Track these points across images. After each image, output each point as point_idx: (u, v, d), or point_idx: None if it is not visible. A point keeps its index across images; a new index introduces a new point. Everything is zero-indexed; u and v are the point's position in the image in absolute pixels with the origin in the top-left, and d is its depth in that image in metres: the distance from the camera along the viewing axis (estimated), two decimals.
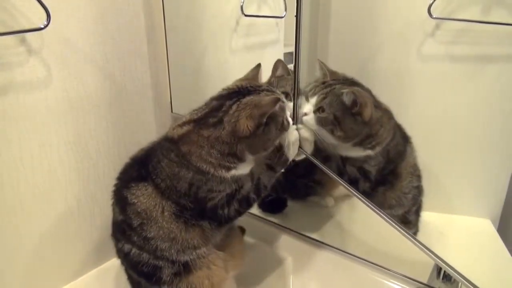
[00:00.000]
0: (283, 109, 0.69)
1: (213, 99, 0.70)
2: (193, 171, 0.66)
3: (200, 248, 0.71)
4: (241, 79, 0.73)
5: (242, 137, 0.64)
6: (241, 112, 0.64)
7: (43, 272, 0.85)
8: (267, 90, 0.69)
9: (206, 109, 0.68)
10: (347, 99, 0.75)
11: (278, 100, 0.64)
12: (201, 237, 0.70)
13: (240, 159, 0.67)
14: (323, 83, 0.80)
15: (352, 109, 0.74)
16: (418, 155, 0.81)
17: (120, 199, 0.72)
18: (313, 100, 0.79)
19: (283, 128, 0.70)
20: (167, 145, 0.68)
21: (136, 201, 0.68)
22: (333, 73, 0.82)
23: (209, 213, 0.70)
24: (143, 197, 0.68)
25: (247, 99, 0.66)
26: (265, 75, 1.05)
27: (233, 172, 0.68)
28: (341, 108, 0.76)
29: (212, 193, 0.68)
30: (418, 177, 0.83)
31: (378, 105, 0.78)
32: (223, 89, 0.70)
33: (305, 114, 0.80)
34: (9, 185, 0.75)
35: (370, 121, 0.75)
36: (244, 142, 0.65)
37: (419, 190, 0.83)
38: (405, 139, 0.81)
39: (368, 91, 0.79)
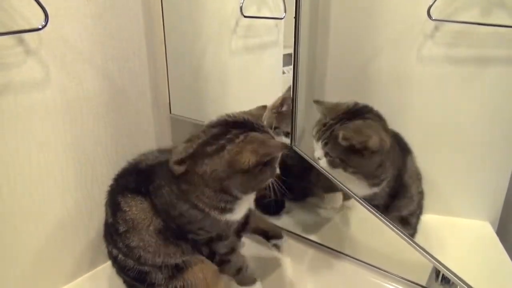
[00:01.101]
0: (280, 156, 0.68)
1: (212, 126, 0.68)
2: (190, 206, 0.67)
3: (184, 256, 0.72)
4: (245, 112, 0.71)
5: (239, 170, 0.63)
6: (247, 145, 0.63)
7: (40, 273, 0.84)
8: (270, 135, 0.68)
9: (204, 136, 0.66)
10: (344, 144, 0.74)
11: (286, 147, 0.64)
12: (181, 252, 0.72)
13: (234, 197, 0.66)
14: (324, 125, 0.80)
15: (354, 149, 0.74)
16: (417, 157, 0.81)
17: (113, 203, 0.73)
18: (319, 146, 0.80)
19: (273, 175, 0.68)
20: (170, 176, 0.67)
21: (128, 209, 0.69)
22: (331, 110, 0.81)
23: (190, 242, 0.72)
24: (136, 208, 0.69)
25: (256, 134, 0.65)
26: (265, 75, 1.05)
27: (228, 216, 0.68)
28: (343, 151, 0.76)
29: (200, 231, 0.70)
30: (420, 181, 0.83)
31: (387, 129, 0.78)
32: (228, 116, 0.69)
33: (319, 158, 0.80)
34: (6, 185, 0.75)
35: (380, 151, 0.75)
36: (239, 177, 0.64)
37: (422, 194, 0.83)
38: (405, 151, 0.81)
39: (376, 115, 0.79)
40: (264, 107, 0.75)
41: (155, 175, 0.70)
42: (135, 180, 0.72)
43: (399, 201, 0.81)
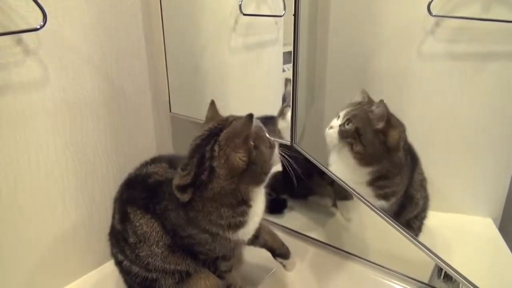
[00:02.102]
0: (261, 128, 0.67)
1: (191, 155, 0.65)
2: (200, 231, 0.66)
3: (191, 265, 0.72)
4: (205, 123, 0.69)
5: (241, 172, 0.61)
6: (226, 148, 0.61)
7: (41, 274, 0.84)
8: (234, 119, 0.66)
9: (193, 169, 0.64)
10: (377, 109, 0.73)
11: (251, 116, 0.60)
12: (189, 262, 0.71)
13: (248, 205, 0.66)
14: (359, 103, 0.80)
15: (378, 125, 0.73)
16: (418, 154, 0.81)
17: (122, 211, 0.72)
18: (342, 113, 0.79)
19: (272, 145, 0.67)
20: (176, 200, 0.66)
21: (137, 224, 0.69)
22: (371, 100, 0.81)
23: (199, 261, 0.72)
24: (146, 226, 0.69)
25: (223, 134, 0.63)
26: (265, 73, 1.04)
27: (241, 232, 0.67)
28: (365, 121, 0.75)
29: (210, 251, 0.70)
30: (424, 187, 0.82)
31: (407, 146, 0.77)
32: (194, 140, 0.67)
33: (331, 127, 0.79)
34: (6, 186, 0.75)
35: (393, 150, 0.74)
36: (246, 177, 0.63)
37: (426, 199, 0.83)
38: (414, 162, 0.80)
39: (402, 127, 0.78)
40: (212, 102, 0.72)
41: (163, 194, 0.69)
42: (144, 197, 0.71)
43: (405, 209, 0.80)
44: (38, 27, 0.70)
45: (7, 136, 0.73)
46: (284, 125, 0.97)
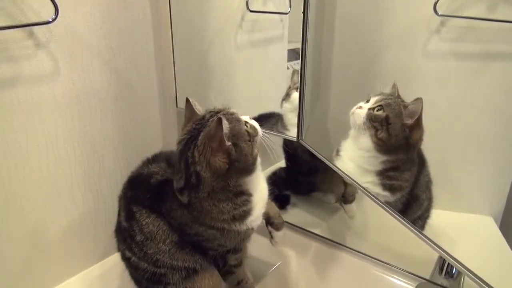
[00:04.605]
0: (237, 120, 0.65)
1: (179, 161, 0.66)
2: (206, 228, 0.67)
3: (198, 262, 0.73)
4: (184, 125, 0.69)
5: (225, 171, 0.62)
6: (205, 153, 0.61)
7: (46, 265, 0.86)
8: (211, 116, 0.66)
9: (183, 173, 0.65)
10: (412, 106, 0.74)
11: (220, 120, 0.59)
12: (198, 261, 0.72)
13: (248, 194, 0.66)
14: (391, 94, 0.80)
15: (408, 120, 0.74)
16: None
17: (127, 210, 0.73)
18: (374, 99, 0.79)
19: (252, 135, 0.66)
20: (178, 200, 0.67)
21: (144, 223, 0.70)
22: (399, 96, 0.82)
23: (208, 257, 0.73)
24: (152, 225, 0.70)
25: (200, 139, 0.62)
26: (270, 70, 1.05)
27: (249, 220, 0.68)
28: (397, 113, 0.76)
29: (219, 246, 0.71)
30: (429, 188, 0.83)
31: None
32: (178, 143, 0.67)
33: (360, 107, 0.79)
34: (15, 177, 0.76)
35: (412, 148, 0.76)
36: (233, 172, 0.63)
37: (430, 200, 0.84)
38: (422, 163, 0.81)
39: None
40: (187, 100, 0.71)
41: (166, 193, 0.70)
42: (148, 197, 0.72)
43: (410, 209, 0.81)
44: (50, 20, 0.71)
45: (17, 127, 0.74)
46: (288, 106, 0.97)
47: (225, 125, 0.61)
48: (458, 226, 0.88)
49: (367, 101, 0.81)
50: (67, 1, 0.76)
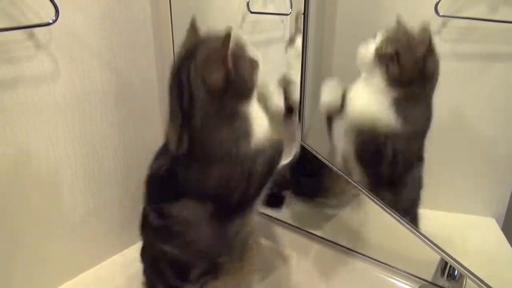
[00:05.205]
0: (242, 45, 0.64)
1: (171, 85, 0.67)
2: (219, 165, 0.65)
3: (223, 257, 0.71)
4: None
5: (221, 92, 0.60)
6: (201, 68, 0.60)
7: (47, 268, 0.85)
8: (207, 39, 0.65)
9: (177, 104, 0.66)
10: (420, 33, 0.71)
11: (228, 36, 0.57)
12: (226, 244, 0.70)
13: (245, 118, 0.64)
14: (397, 28, 0.77)
15: (418, 52, 0.71)
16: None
17: (156, 208, 0.71)
18: (380, 37, 0.76)
19: (255, 64, 0.64)
20: (187, 170, 0.66)
21: (176, 214, 0.67)
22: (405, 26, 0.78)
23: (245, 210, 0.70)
24: (186, 211, 0.67)
25: (199, 55, 0.61)
26: (271, 71, 1.05)
27: (253, 142, 0.64)
28: (407, 45, 0.72)
29: (241, 182, 0.66)
30: (420, 188, 0.82)
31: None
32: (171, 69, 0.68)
33: (367, 45, 0.77)
34: (15, 178, 0.76)
35: (428, 80, 0.72)
36: (228, 95, 0.60)
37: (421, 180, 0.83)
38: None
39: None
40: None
41: (177, 180, 0.68)
42: (165, 190, 0.70)
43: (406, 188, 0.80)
44: (51, 21, 0.71)
45: (17, 128, 0.74)
46: (292, 52, 0.96)
47: (232, 41, 0.58)
48: (460, 227, 0.88)
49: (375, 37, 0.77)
50: (67, 2, 0.76)
